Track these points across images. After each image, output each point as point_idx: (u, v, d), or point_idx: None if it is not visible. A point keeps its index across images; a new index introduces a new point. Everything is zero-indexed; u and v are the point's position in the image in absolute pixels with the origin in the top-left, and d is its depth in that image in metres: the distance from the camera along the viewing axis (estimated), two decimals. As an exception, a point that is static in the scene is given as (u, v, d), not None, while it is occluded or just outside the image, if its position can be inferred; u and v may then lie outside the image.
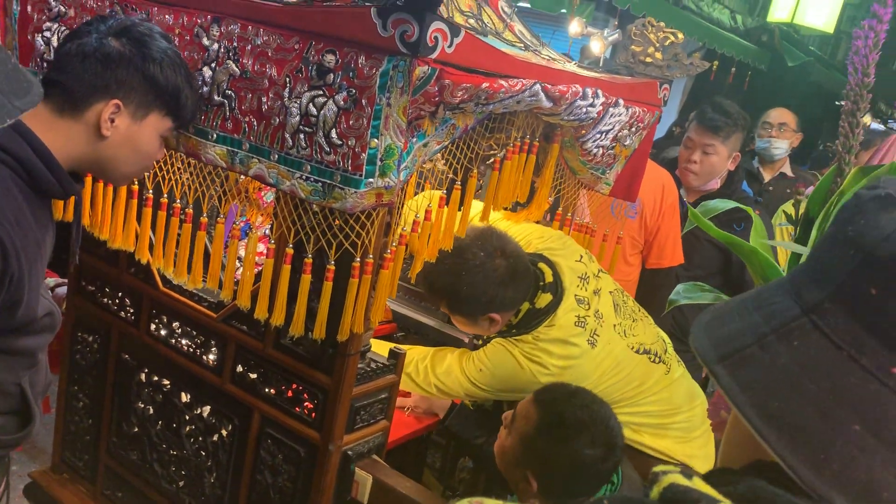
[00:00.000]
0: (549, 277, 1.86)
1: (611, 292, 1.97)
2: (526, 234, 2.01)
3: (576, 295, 1.87)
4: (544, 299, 1.84)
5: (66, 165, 1.31)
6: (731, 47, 7.43)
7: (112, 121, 1.32)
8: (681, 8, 6.61)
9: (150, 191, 1.65)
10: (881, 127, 10.60)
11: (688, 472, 0.58)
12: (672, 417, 1.94)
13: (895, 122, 10.78)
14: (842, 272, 0.52)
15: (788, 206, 2.02)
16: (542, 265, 1.89)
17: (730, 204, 1.14)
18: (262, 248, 1.66)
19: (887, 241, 0.50)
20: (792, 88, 7.66)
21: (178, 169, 1.64)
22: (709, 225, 1.01)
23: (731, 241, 0.98)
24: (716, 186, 2.82)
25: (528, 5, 5.93)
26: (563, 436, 1.56)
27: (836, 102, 10.51)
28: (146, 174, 1.59)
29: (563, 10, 5.80)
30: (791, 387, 0.51)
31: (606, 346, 1.87)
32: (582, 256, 1.97)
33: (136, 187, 1.67)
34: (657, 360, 1.95)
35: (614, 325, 1.91)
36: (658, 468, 0.62)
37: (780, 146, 3.50)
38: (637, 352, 1.92)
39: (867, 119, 8.39)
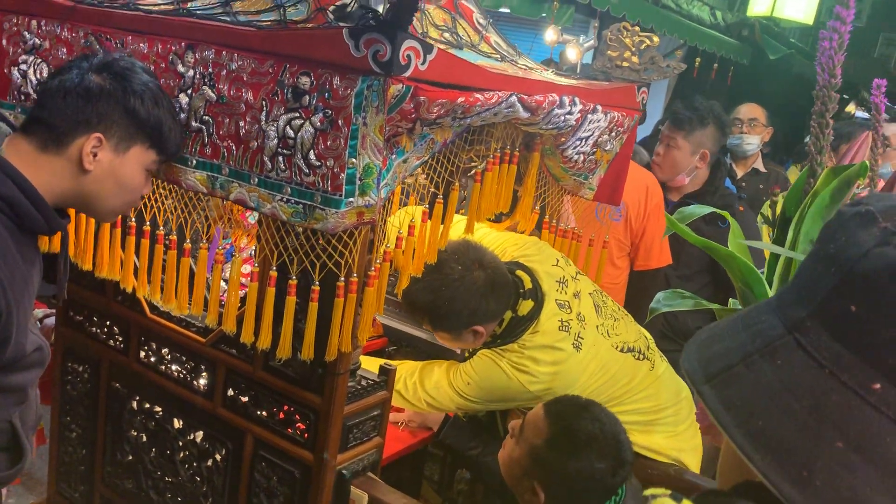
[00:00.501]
0: (528, 284, 1.87)
1: (590, 294, 1.98)
2: (501, 242, 2.02)
3: (556, 299, 1.87)
4: (526, 306, 1.84)
5: (52, 201, 1.32)
6: (712, 44, 7.48)
7: (94, 154, 1.32)
8: (660, 7, 6.65)
9: (133, 218, 1.64)
10: (866, 115, 10.68)
11: (677, 495, 0.59)
12: (659, 413, 1.95)
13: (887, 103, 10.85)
14: (823, 290, 0.52)
15: (766, 208, 2.03)
16: (519, 272, 1.89)
17: (706, 209, 1.14)
18: (247, 269, 1.67)
19: (866, 257, 0.50)
20: (775, 82, 7.70)
21: (161, 195, 1.64)
22: (685, 230, 1.01)
23: (707, 245, 0.99)
24: (684, 182, 2.82)
25: (509, 10, 5.96)
26: (573, 449, 1.55)
27: (820, 93, 10.54)
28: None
29: (544, 15, 5.83)
30: (774, 405, 0.51)
31: (591, 349, 1.87)
32: (558, 260, 1.99)
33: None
34: (641, 357, 1.97)
35: (597, 326, 1.92)
36: (648, 492, 0.62)
37: (752, 142, 3.51)
38: (621, 351, 1.93)
39: (852, 108, 8.45)
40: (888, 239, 0.50)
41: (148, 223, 1.62)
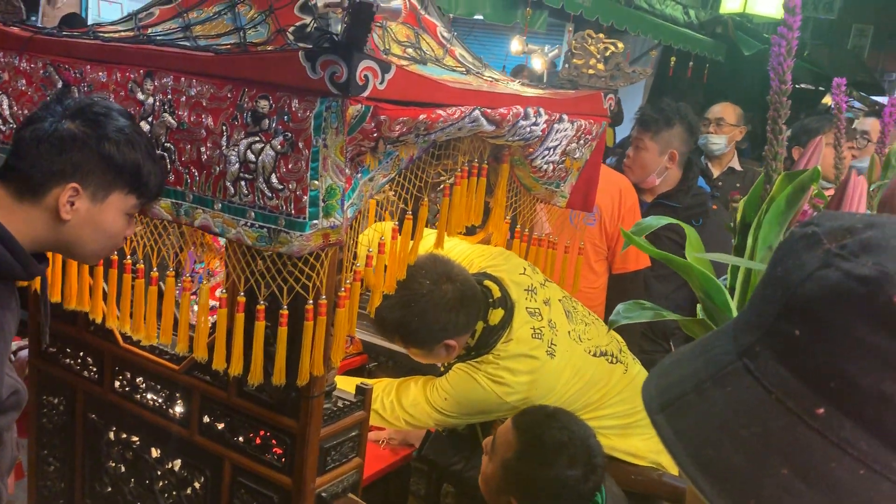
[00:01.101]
0: (496, 293, 1.87)
1: (560, 300, 1.98)
2: (468, 254, 2.02)
3: (527, 307, 1.88)
4: (496, 315, 1.84)
5: (30, 248, 1.31)
6: (686, 42, 7.54)
7: (72, 204, 1.30)
8: (633, 8, 6.69)
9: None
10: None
11: None
12: (635, 416, 1.95)
13: (854, 100, 10.97)
14: (771, 314, 0.52)
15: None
16: (487, 282, 1.89)
17: (663, 220, 1.14)
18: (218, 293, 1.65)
19: (809, 280, 0.50)
20: (750, 77, 7.75)
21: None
22: (641, 243, 1.01)
23: (666, 258, 0.98)
24: (655, 183, 2.82)
25: (482, 17, 5.98)
26: (543, 458, 1.56)
27: (796, 85, 10.66)
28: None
29: (518, 22, 5.86)
30: (724, 433, 0.51)
31: (565, 355, 1.87)
32: (525, 269, 1.99)
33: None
34: (614, 360, 1.97)
35: (569, 332, 1.92)
36: None
37: (717, 142, 3.52)
38: (594, 355, 1.93)
39: (828, 99, 8.51)
40: (829, 261, 0.50)
41: (115, 252, 1.60)
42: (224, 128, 1.37)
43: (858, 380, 0.46)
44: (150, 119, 1.47)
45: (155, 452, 1.78)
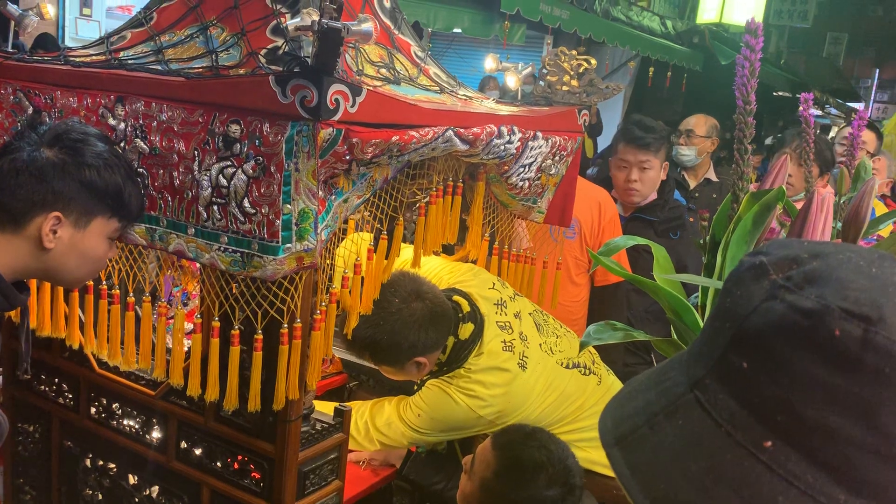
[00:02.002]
0: (466, 308, 1.88)
1: (530, 313, 2.00)
2: (437, 270, 2.03)
3: (497, 321, 1.89)
4: (467, 329, 1.84)
5: (11, 277, 1.29)
6: (664, 52, 7.63)
7: (54, 232, 1.29)
8: (611, 20, 6.77)
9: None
10: (818, 112, 10.91)
11: None
12: None
13: (831, 107, 11.12)
14: (720, 346, 0.52)
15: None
16: (456, 297, 1.90)
17: (632, 241, 1.15)
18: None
19: (755, 313, 0.50)
20: (728, 86, 7.84)
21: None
22: (609, 265, 1.01)
23: (634, 278, 0.99)
24: (654, 198, 2.87)
25: (461, 31, 6.02)
26: (521, 478, 1.56)
27: (774, 93, 10.73)
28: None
29: (496, 35, 5.90)
30: (675, 467, 0.51)
31: (537, 367, 1.88)
32: (494, 284, 2.00)
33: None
34: (587, 372, 1.98)
35: (540, 345, 1.93)
36: None
37: (687, 153, 3.55)
38: (567, 367, 1.94)
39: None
40: (775, 293, 0.50)
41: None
42: (196, 152, 1.36)
43: (804, 413, 0.47)
44: (122, 145, 1.46)
45: (132, 479, 1.75)
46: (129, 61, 1.55)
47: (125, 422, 1.74)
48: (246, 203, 1.31)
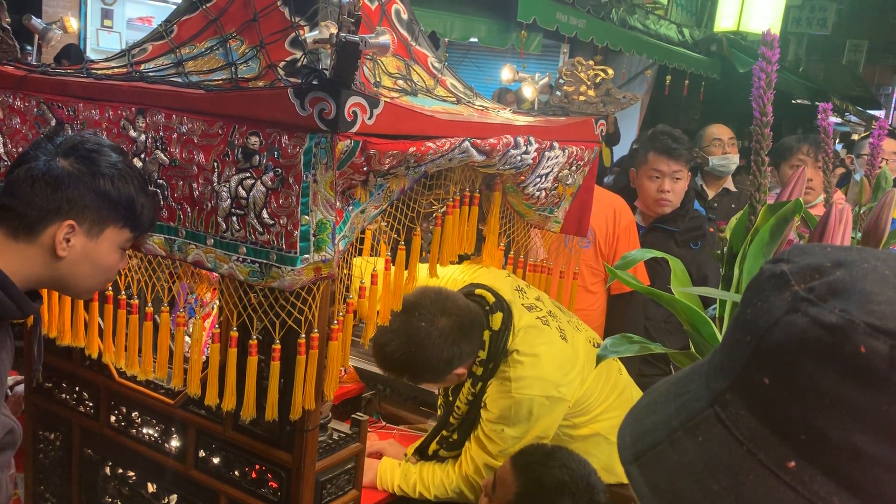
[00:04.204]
0: (490, 298, 1.88)
1: (549, 300, 2.04)
2: (450, 275, 2.04)
3: (522, 304, 1.91)
4: (497, 319, 1.84)
5: (24, 286, 1.31)
6: (681, 61, 7.60)
7: (68, 241, 1.31)
8: (628, 28, 6.76)
9: (95, 284, 1.63)
10: (837, 119, 10.81)
11: None
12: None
13: (851, 114, 11.01)
14: (741, 360, 0.50)
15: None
16: (479, 291, 1.90)
17: (649, 254, 1.14)
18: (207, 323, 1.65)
19: (777, 326, 0.48)
20: (746, 94, 7.80)
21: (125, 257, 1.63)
22: (625, 278, 1.01)
23: (651, 292, 0.99)
24: (676, 206, 2.85)
25: (477, 41, 6.04)
26: (544, 499, 1.53)
27: (793, 101, 10.65)
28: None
29: (512, 44, 5.91)
30: (696, 486, 0.49)
31: (574, 339, 1.91)
32: (509, 275, 2.03)
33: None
34: None
35: (568, 321, 1.97)
36: None
37: (736, 161, 3.55)
38: (594, 345, 1.97)
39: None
40: (797, 305, 0.48)
41: (110, 288, 1.61)
42: (215, 164, 1.38)
43: (829, 433, 0.45)
44: (142, 156, 1.48)
45: (151, 487, 1.77)
46: (150, 73, 1.57)
47: (144, 430, 1.75)
48: (264, 214, 1.33)
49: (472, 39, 5.97)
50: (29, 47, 1.88)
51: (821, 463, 0.46)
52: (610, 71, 1.99)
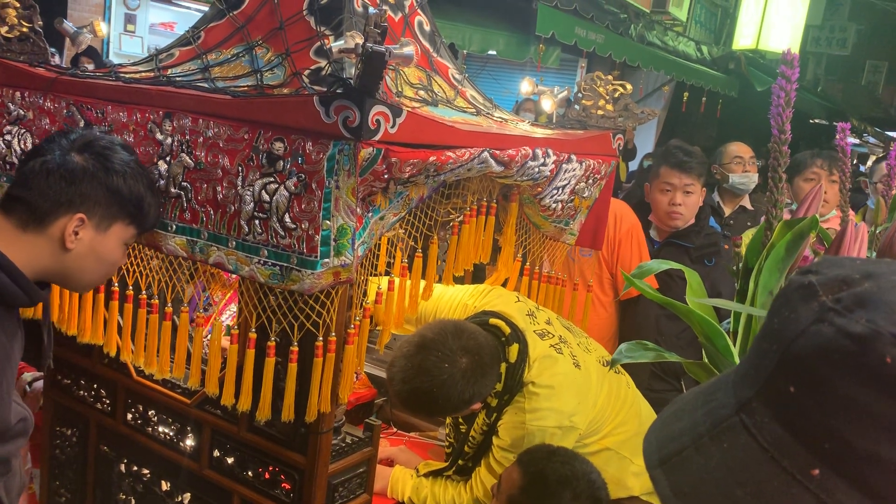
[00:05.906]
0: (506, 329, 1.84)
1: (557, 318, 2.02)
2: (459, 298, 2.02)
3: (535, 331, 1.89)
4: (514, 351, 1.82)
5: (32, 277, 1.34)
6: (699, 78, 7.60)
7: (76, 233, 1.34)
8: (646, 44, 6.78)
9: (117, 283, 1.66)
10: (856, 140, 10.78)
11: None
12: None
13: (869, 135, 10.97)
14: (767, 368, 0.50)
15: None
16: (493, 321, 1.86)
17: (665, 265, 1.16)
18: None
19: (804, 335, 0.48)
20: (764, 113, 7.79)
21: (146, 256, 1.66)
22: (644, 288, 1.03)
23: (667, 302, 1.00)
24: (689, 223, 2.86)
25: (495, 53, 6.08)
26: (547, 492, 1.57)
27: (811, 121, 10.62)
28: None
29: (530, 57, 5.94)
30: (720, 492, 0.50)
31: (586, 363, 1.91)
32: (518, 297, 2.01)
33: (103, 280, 1.69)
34: (619, 371, 2.01)
35: (578, 344, 1.96)
36: None
37: (755, 179, 3.55)
38: (603, 365, 1.97)
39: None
40: (824, 315, 0.48)
41: (131, 287, 1.64)
42: (240, 168, 1.41)
43: (853, 441, 0.45)
44: (168, 158, 1.51)
45: (165, 485, 1.79)
46: (177, 78, 1.61)
47: (160, 428, 1.78)
48: (287, 218, 1.35)
49: (490, 52, 6.01)
50: (53, 49, 1.93)
51: (845, 472, 0.46)
52: (628, 86, 2.01)
